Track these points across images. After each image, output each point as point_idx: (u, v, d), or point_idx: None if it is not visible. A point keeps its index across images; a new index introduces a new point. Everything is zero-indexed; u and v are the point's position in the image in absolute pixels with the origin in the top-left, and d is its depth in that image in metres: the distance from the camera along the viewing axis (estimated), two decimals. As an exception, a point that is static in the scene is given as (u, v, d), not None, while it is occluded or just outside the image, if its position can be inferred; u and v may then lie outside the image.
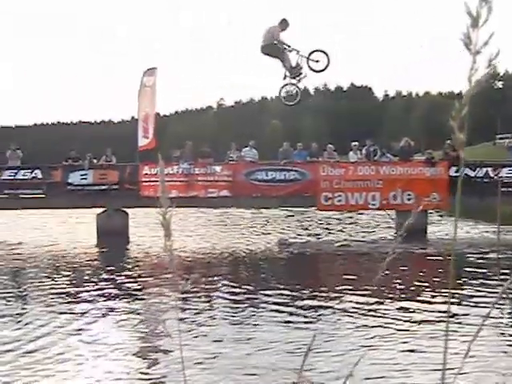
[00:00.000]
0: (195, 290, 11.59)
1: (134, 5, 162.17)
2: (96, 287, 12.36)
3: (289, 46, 13.96)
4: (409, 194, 19.07)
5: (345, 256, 16.48)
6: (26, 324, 9.37)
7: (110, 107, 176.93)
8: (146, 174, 20.03)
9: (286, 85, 14.68)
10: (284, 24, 13.89)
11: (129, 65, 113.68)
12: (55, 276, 13.75)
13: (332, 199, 19.18)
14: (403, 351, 7.74)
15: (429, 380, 6.48)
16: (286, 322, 9.38)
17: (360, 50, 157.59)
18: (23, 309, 10.55)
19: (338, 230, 22.37)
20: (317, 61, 13.99)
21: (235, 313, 10.02)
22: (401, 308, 10.09)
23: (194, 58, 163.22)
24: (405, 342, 8.10)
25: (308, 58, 13.98)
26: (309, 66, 14.07)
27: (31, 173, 20.74)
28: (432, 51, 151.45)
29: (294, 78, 14.38)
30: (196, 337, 8.47)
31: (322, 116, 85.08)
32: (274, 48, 13.81)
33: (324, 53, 14.04)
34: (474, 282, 11.94)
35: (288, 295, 11.30)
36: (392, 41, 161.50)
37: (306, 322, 9.30)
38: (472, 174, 19.34)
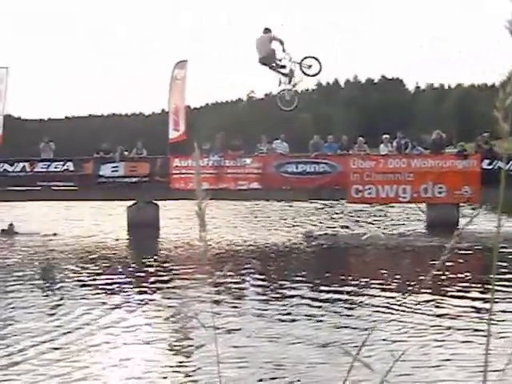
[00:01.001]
0: (224, 282, 11.62)
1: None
2: (128, 279, 12.46)
3: (283, 51, 14.36)
4: (440, 187, 18.87)
5: (374, 249, 16.38)
6: (60, 316, 9.46)
7: (141, 100, 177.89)
8: (177, 166, 20.11)
9: (283, 90, 14.91)
10: (269, 31, 14.43)
11: (161, 58, 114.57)
12: (88, 268, 13.89)
13: (362, 192, 19.06)
14: (437, 347, 7.65)
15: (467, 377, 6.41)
16: (311, 315, 9.34)
17: (391, 42, 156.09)
18: (57, 300, 10.65)
19: (368, 223, 22.25)
20: (309, 66, 14.33)
21: (264, 307, 9.98)
22: (431, 302, 9.96)
23: (225, 50, 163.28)
24: (436, 340, 7.99)
25: (300, 64, 14.27)
26: (302, 71, 14.33)
27: (63, 165, 20.96)
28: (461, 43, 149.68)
29: (289, 83, 14.75)
30: (228, 331, 8.45)
31: (353, 108, 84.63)
32: (270, 58, 14.14)
33: (315, 59, 14.47)
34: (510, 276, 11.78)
35: (314, 288, 11.24)
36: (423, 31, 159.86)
37: (334, 316, 9.26)
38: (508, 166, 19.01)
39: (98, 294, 11.06)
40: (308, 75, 14.65)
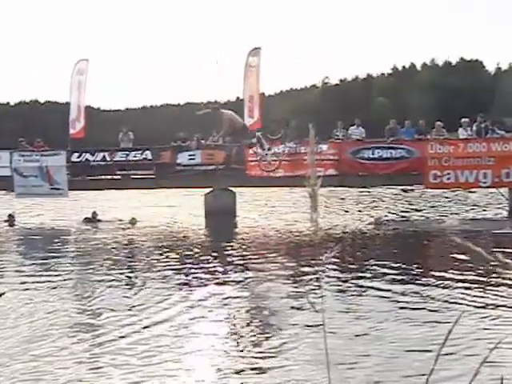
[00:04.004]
0: (299, 267, 11.64)
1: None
2: (207, 265, 12.57)
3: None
4: (523, 172, 18.30)
5: (453, 235, 16.06)
6: (140, 300, 9.64)
7: (216, 88, 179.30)
8: (253, 153, 20.23)
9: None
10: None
11: (233, 44, 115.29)
12: (169, 255, 14.15)
13: (441, 177, 18.68)
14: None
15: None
16: (392, 300, 9.24)
17: (470, 23, 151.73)
18: (138, 285, 10.86)
19: (447, 209, 21.82)
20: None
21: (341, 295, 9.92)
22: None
23: (298, 36, 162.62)
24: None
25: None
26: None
27: (142, 154, 21.41)
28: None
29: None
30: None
31: (430, 92, 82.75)
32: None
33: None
34: None
35: (387, 274, 11.11)
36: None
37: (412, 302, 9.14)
38: None
39: (180, 279, 11.21)
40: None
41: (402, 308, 8.73)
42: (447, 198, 24.35)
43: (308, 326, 7.69)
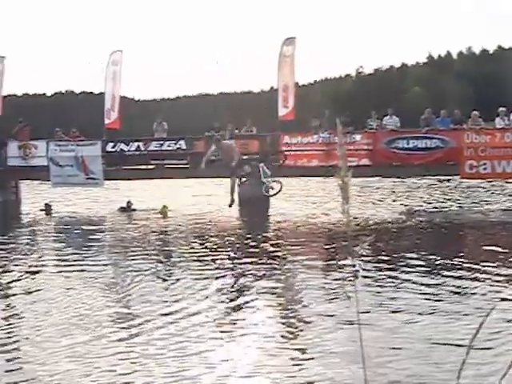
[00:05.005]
0: (333, 259, 11.61)
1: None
2: (241, 255, 12.60)
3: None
4: (562, 162, 17.98)
5: (488, 226, 15.88)
6: (177, 290, 9.69)
7: (250, 78, 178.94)
8: (287, 143, 20.20)
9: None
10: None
11: (268, 34, 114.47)
12: (201, 244, 14.23)
13: (477, 167, 18.44)
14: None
15: None
16: (425, 293, 9.16)
17: (508, 10, 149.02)
18: (173, 275, 10.93)
19: (483, 200, 21.57)
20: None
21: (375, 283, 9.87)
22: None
23: (332, 26, 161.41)
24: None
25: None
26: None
27: (176, 144, 21.50)
28: None
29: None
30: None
31: (466, 81, 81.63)
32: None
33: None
34: None
35: (420, 266, 11.01)
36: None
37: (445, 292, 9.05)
38: None
39: (214, 270, 11.20)
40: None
41: (437, 301, 8.63)
42: (483, 188, 24.05)
43: (342, 319, 7.66)
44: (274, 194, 18.51)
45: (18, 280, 10.71)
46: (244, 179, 16.17)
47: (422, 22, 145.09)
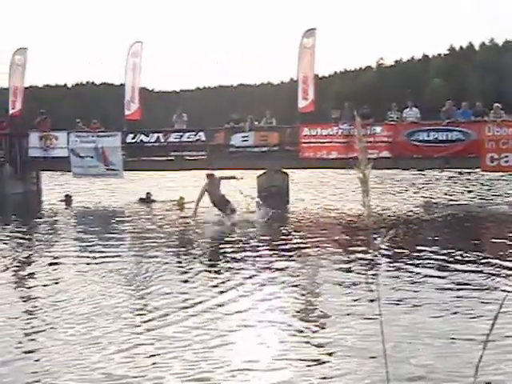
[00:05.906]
0: (353, 253, 11.54)
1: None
2: (259, 249, 12.53)
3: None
4: None
5: (509, 219, 15.73)
6: (197, 282, 9.67)
7: (270, 69, 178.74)
8: (306, 135, 20.15)
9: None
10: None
11: (290, 26, 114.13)
12: (219, 236, 14.23)
13: (498, 160, 18.27)
14: None
15: None
16: (444, 288, 9.08)
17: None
18: (193, 266, 10.88)
19: (503, 193, 21.37)
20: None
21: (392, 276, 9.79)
22: None
23: (353, 17, 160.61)
24: None
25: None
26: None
27: (195, 135, 21.55)
28: None
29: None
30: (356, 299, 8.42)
31: (489, 73, 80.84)
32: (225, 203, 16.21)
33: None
34: None
35: (439, 260, 10.92)
36: None
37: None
38: None
39: (232, 263, 11.14)
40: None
41: (458, 297, 8.53)
42: (505, 181, 23.82)
43: (363, 315, 7.60)
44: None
45: (38, 272, 10.76)
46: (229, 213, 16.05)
47: (444, 12, 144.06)
